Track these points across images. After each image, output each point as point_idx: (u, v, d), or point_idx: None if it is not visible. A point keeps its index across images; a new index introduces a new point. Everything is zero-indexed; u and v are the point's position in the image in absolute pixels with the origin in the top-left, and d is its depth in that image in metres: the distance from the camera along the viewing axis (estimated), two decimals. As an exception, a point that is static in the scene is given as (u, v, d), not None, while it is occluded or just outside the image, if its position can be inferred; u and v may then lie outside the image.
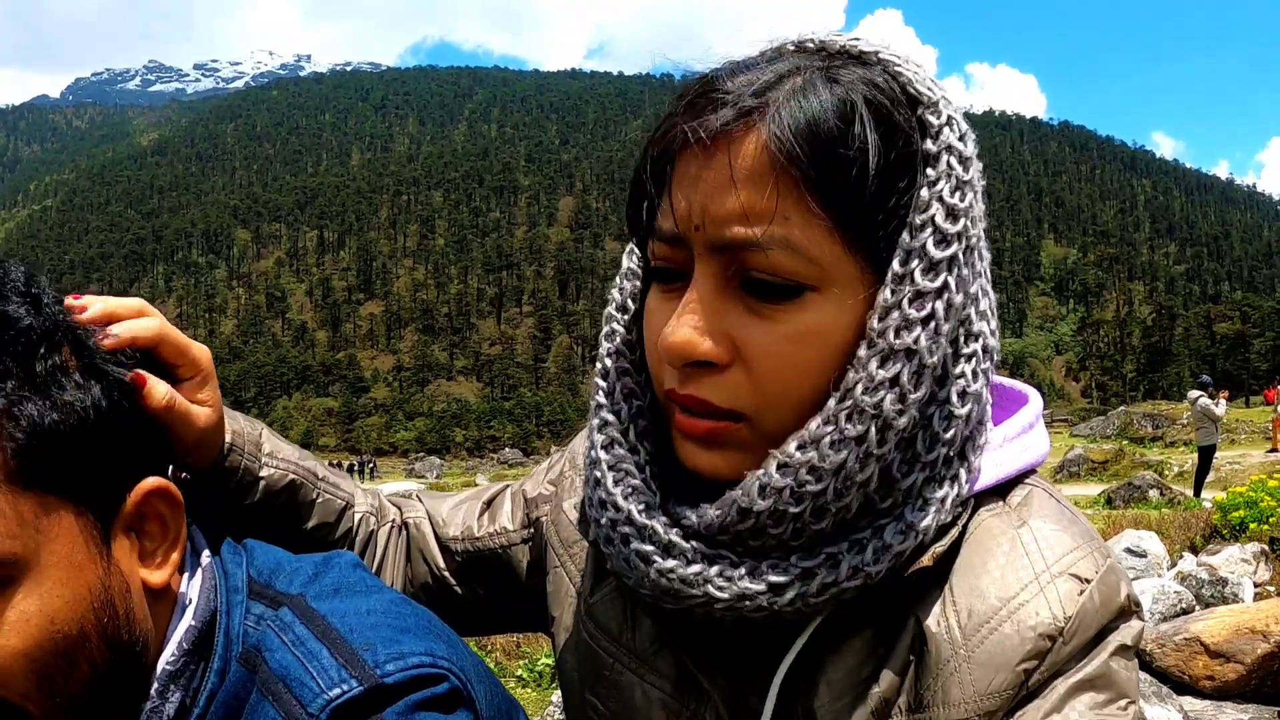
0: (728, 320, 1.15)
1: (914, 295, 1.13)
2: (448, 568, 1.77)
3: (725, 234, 1.12)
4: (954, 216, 1.15)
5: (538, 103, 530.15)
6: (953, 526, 1.22)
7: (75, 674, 1.17)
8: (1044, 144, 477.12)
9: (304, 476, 1.69)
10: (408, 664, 1.20)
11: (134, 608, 1.24)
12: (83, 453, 1.18)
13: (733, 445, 1.19)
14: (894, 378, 1.12)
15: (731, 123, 1.13)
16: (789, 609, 1.17)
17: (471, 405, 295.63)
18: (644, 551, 1.22)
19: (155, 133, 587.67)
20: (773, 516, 1.14)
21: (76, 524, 1.17)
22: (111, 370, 1.25)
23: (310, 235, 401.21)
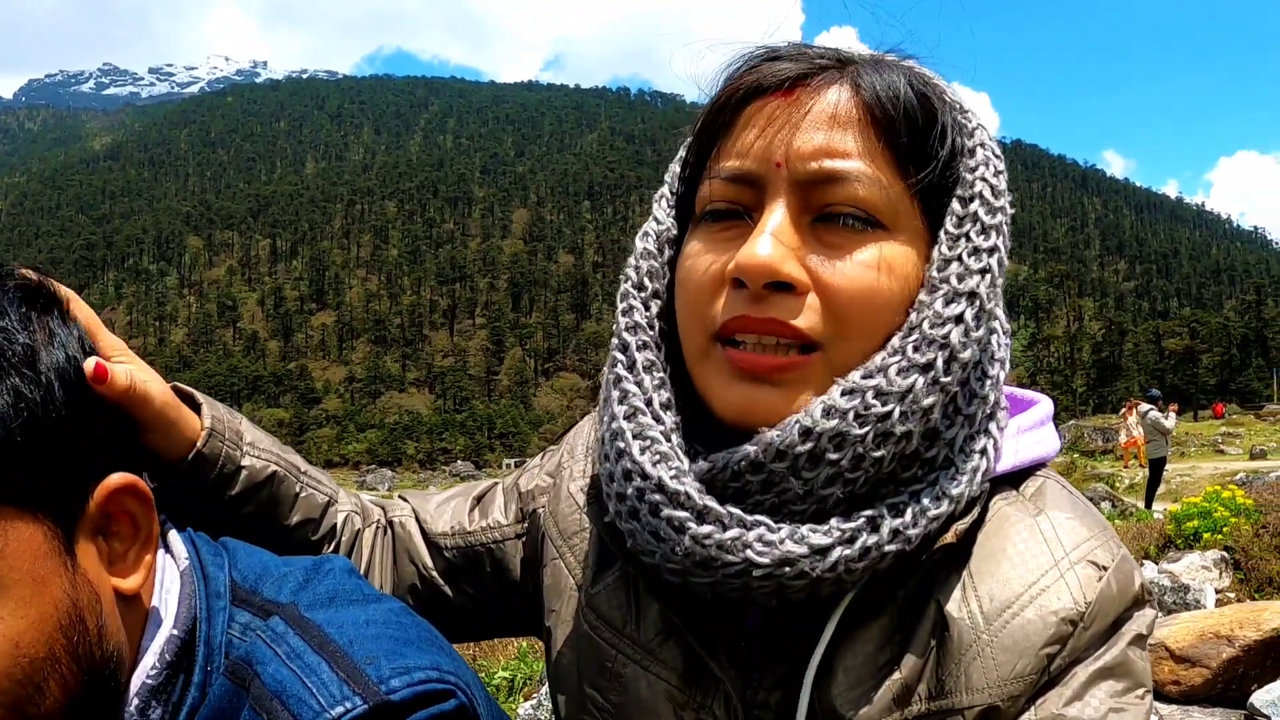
0: (804, 251, 1.20)
1: (972, 250, 1.23)
2: (436, 567, 1.73)
3: (812, 166, 1.19)
4: (996, 195, 1.28)
5: (494, 114, 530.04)
6: (975, 504, 1.25)
7: (48, 700, 1.10)
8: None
9: (286, 468, 1.64)
10: (414, 679, 1.14)
11: (106, 621, 1.16)
12: (36, 456, 1.10)
13: (798, 383, 1.20)
14: (959, 315, 1.20)
15: (810, 75, 1.24)
16: (830, 575, 1.16)
17: (423, 417, 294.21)
18: (677, 519, 1.18)
19: (108, 136, 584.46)
20: (834, 439, 1.15)
21: (36, 534, 1.10)
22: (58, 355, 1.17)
23: (263, 244, 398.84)
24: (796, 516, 1.20)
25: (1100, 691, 1.19)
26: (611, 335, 1.40)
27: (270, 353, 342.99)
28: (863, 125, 1.21)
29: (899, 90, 1.22)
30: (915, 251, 1.24)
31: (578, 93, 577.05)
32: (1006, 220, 1.28)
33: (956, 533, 1.22)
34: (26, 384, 1.10)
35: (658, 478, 1.21)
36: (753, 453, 1.18)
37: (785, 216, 1.20)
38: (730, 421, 1.23)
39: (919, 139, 1.23)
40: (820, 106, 1.21)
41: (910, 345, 1.19)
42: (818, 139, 1.19)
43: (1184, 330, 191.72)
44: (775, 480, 1.18)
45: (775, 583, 1.17)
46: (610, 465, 1.30)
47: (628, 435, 1.26)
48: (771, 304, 1.18)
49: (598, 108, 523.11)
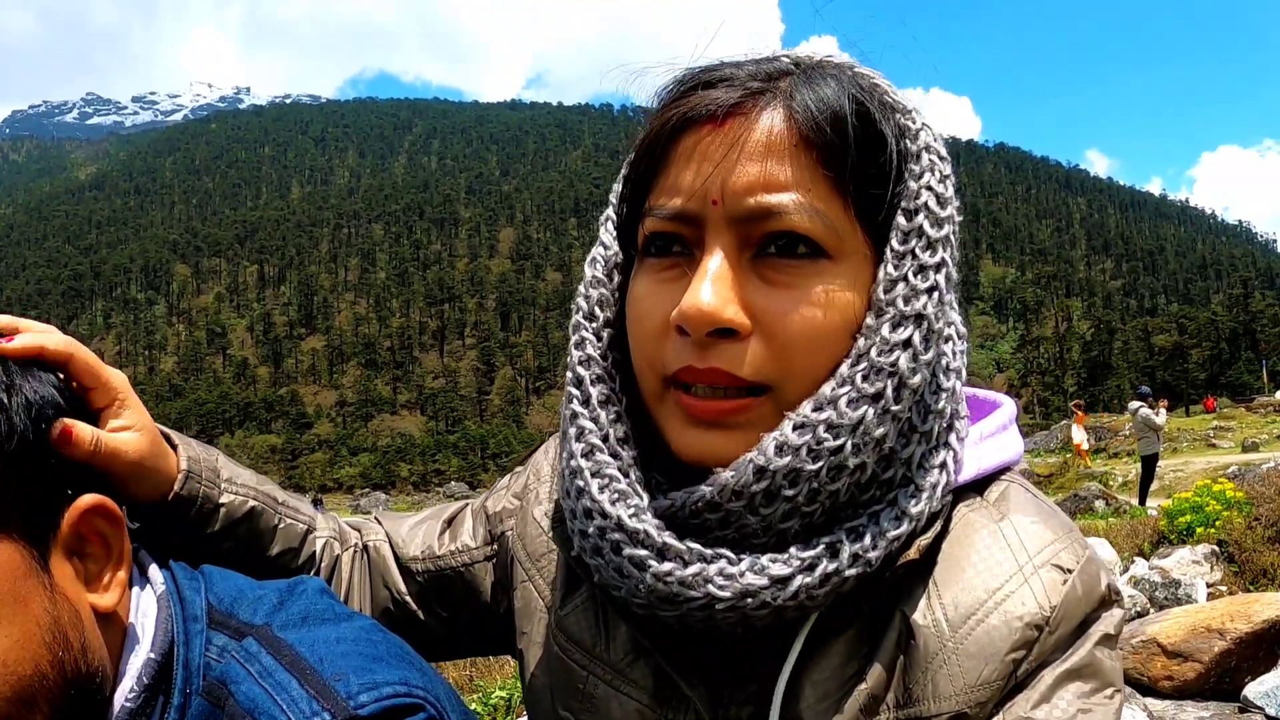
0: (745, 291, 1.17)
1: (918, 269, 1.20)
2: (409, 591, 1.74)
3: (749, 203, 1.16)
4: (942, 203, 1.24)
5: (477, 134, 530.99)
6: (937, 519, 1.24)
7: (36, 718, 1.12)
8: (980, 166, 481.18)
9: (265, 502, 1.66)
10: (382, 694, 1.15)
11: (88, 637, 1.18)
12: (6, 478, 1.13)
13: (748, 425, 1.19)
14: (907, 340, 1.17)
15: (743, 101, 1.19)
16: (792, 603, 1.16)
17: (416, 439, 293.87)
18: (638, 557, 1.19)
19: (93, 166, 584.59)
20: (789, 476, 1.14)
21: (14, 554, 1.12)
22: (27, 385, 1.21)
23: (250, 270, 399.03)
24: (757, 547, 1.20)
25: (1068, 693, 1.19)
26: (565, 369, 1.37)
27: (260, 379, 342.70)
28: (798, 151, 1.17)
29: (834, 106, 1.18)
30: (860, 273, 1.21)
31: (561, 110, 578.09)
32: (954, 229, 1.26)
33: (919, 548, 1.21)
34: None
35: (617, 516, 1.21)
36: (709, 493, 1.18)
37: (723, 258, 1.17)
38: (689, 464, 1.23)
39: (858, 155, 1.19)
40: (754, 137, 1.17)
41: (859, 374, 1.17)
42: (752, 172, 1.16)
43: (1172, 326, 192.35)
44: (733, 518, 1.18)
45: (739, 614, 1.17)
46: (571, 502, 1.30)
47: (586, 474, 1.26)
48: (716, 352, 1.17)
49: (581, 124, 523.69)
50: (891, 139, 1.22)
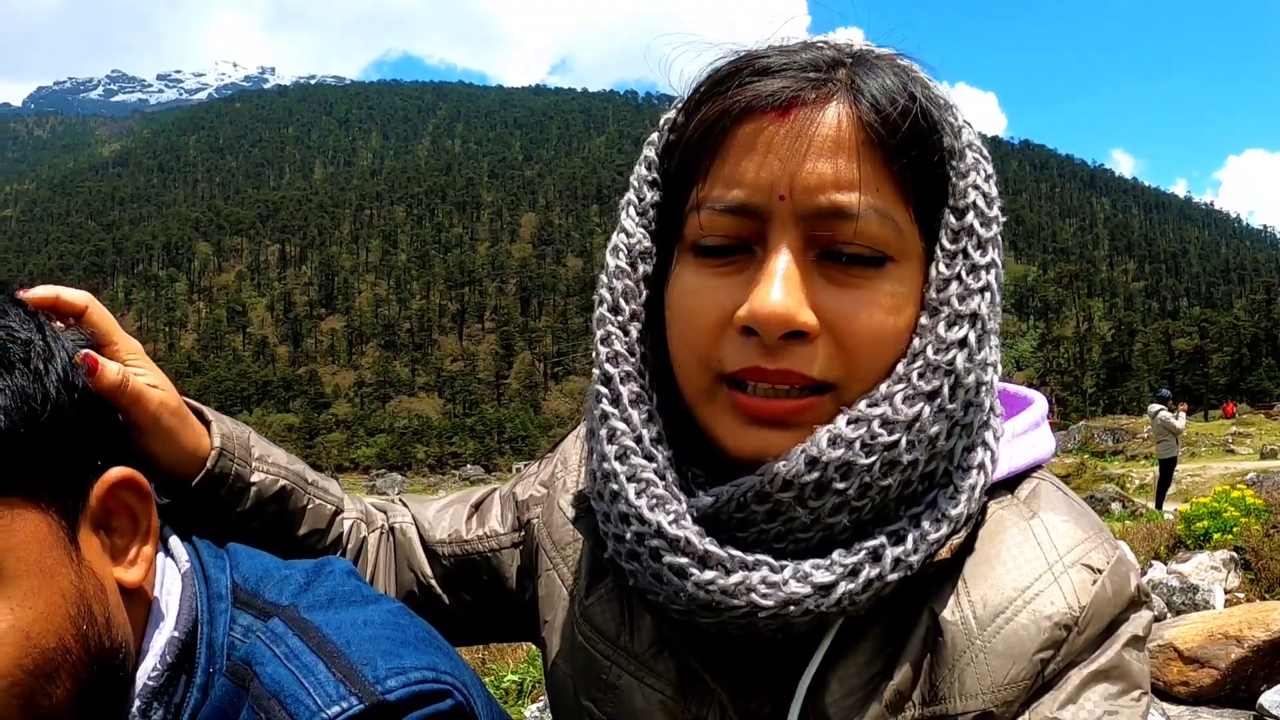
0: (812, 291, 1.15)
1: (970, 268, 1.20)
2: (434, 574, 1.73)
3: (820, 200, 1.13)
4: (989, 202, 1.23)
5: (501, 119, 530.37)
6: (971, 518, 1.23)
7: (58, 691, 1.11)
8: (1004, 163, 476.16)
9: (295, 481, 1.66)
10: (410, 679, 1.15)
11: (113, 612, 1.18)
12: (37, 449, 1.12)
13: (810, 424, 1.17)
14: (962, 339, 1.18)
15: (806, 92, 1.16)
16: (835, 609, 1.16)
17: (433, 422, 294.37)
18: (678, 565, 1.17)
19: (117, 143, 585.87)
20: (841, 469, 1.13)
21: (41, 524, 1.11)
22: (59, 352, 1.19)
23: (272, 249, 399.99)
24: (801, 544, 1.19)
25: (1095, 694, 1.18)
26: (591, 365, 1.34)
27: (280, 358, 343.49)
28: (867, 149, 1.15)
29: (897, 99, 1.17)
30: (916, 272, 1.21)
31: (585, 96, 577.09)
32: (1001, 229, 1.25)
33: (951, 548, 1.21)
34: (29, 381, 1.12)
35: (656, 523, 1.19)
36: (758, 483, 1.16)
37: (790, 256, 1.15)
38: (744, 462, 1.20)
39: (918, 152, 1.18)
40: (822, 130, 1.14)
41: (915, 372, 1.17)
42: (824, 169, 1.13)
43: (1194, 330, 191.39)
44: (781, 509, 1.16)
45: (781, 621, 1.16)
46: (605, 506, 1.27)
47: (621, 478, 1.24)
48: (785, 354, 1.15)
49: (605, 111, 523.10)
50: (944, 135, 1.21)
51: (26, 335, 1.16)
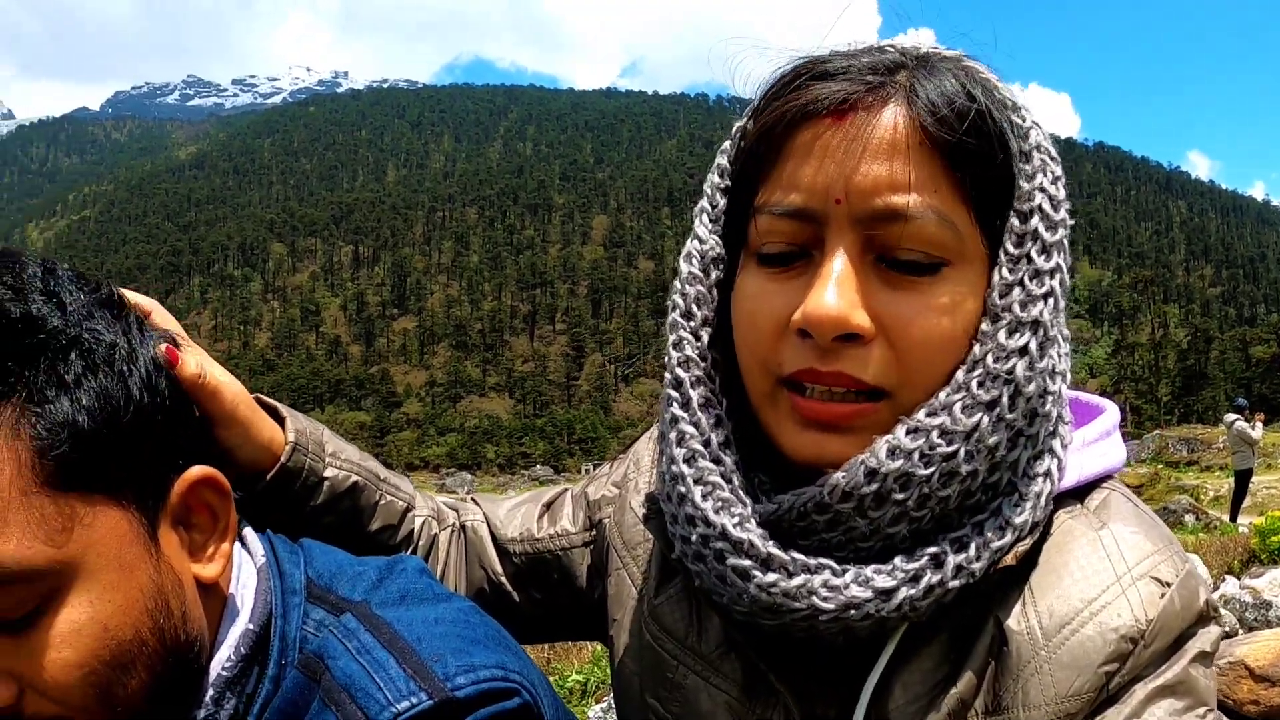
0: (869, 294, 1.16)
1: (1033, 274, 1.18)
2: (505, 572, 1.75)
3: (875, 203, 1.14)
4: (1055, 206, 1.22)
5: (572, 121, 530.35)
6: (1038, 526, 1.23)
7: (133, 682, 1.14)
8: (1078, 165, 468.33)
9: (367, 478, 1.68)
10: (479, 677, 1.17)
11: (189, 606, 1.21)
12: (120, 447, 1.15)
13: (864, 429, 1.18)
14: (1023, 346, 1.17)
15: (863, 96, 1.16)
16: (895, 615, 1.16)
17: (503, 422, 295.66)
18: (741, 567, 1.18)
19: (193, 146, 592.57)
20: (900, 480, 1.14)
21: (122, 521, 1.14)
22: (141, 353, 1.21)
23: (345, 250, 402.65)
24: (863, 552, 1.19)
25: (1160, 710, 1.16)
26: (663, 369, 1.36)
27: (352, 357, 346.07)
28: (924, 151, 1.15)
29: (956, 102, 1.16)
30: (977, 276, 1.20)
31: (656, 99, 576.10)
32: (1067, 233, 1.24)
33: (1017, 555, 1.20)
34: (112, 383, 1.15)
35: (721, 525, 1.20)
36: (819, 494, 1.17)
37: (847, 260, 1.16)
38: (801, 465, 1.22)
39: (978, 154, 1.17)
40: (878, 134, 1.15)
41: (975, 381, 1.16)
42: (879, 172, 1.14)
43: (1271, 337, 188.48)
44: (841, 519, 1.18)
45: (841, 624, 1.17)
46: (672, 508, 1.29)
47: (688, 480, 1.25)
48: (839, 356, 1.16)
49: (676, 114, 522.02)
50: (1007, 137, 1.19)
51: (111, 338, 1.18)
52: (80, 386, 1.12)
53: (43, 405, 1.09)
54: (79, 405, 1.11)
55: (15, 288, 1.14)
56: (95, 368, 1.14)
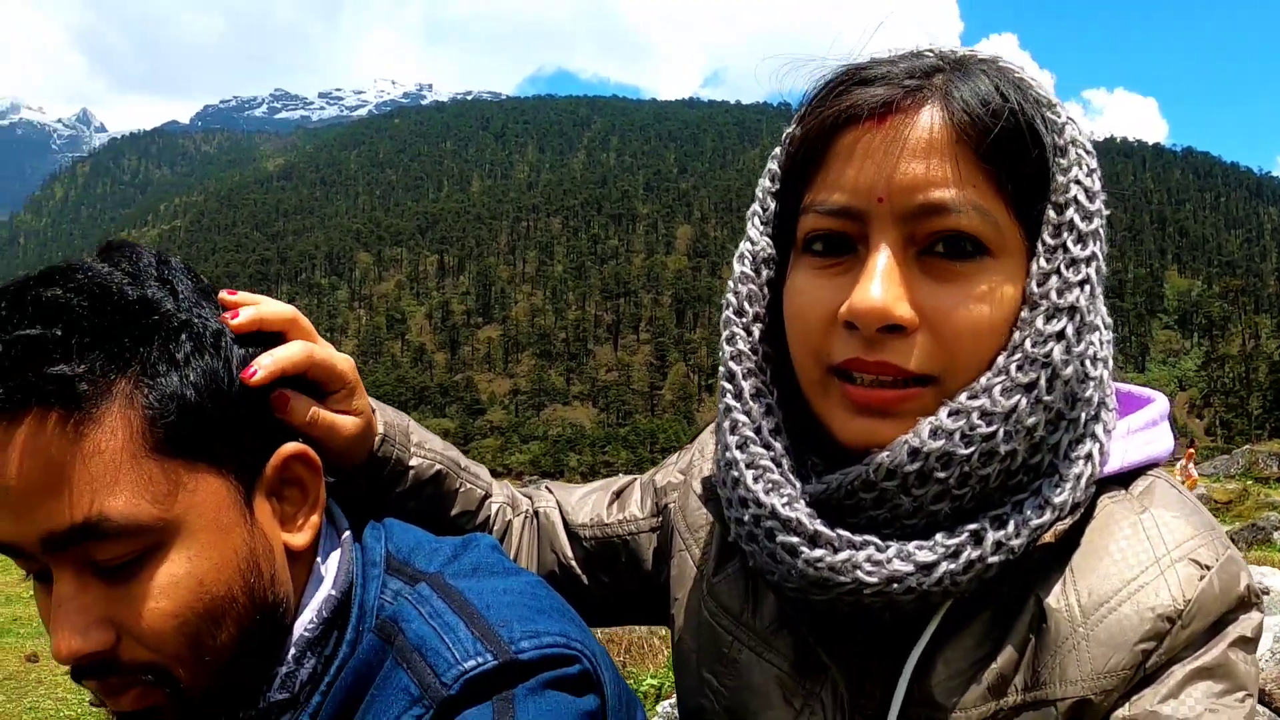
0: (912, 286, 1.22)
1: (1069, 263, 1.24)
2: (575, 556, 1.84)
3: (916, 199, 1.20)
4: (1091, 197, 1.27)
5: (655, 131, 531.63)
6: (1079, 507, 1.27)
7: (223, 635, 1.23)
8: (1166, 171, 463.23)
9: (449, 466, 1.78)
10: (542, 643, 1.24)
11: (278, 570, 1.31)
12: (223, 421, 1.25)
13: (910, 414, 1.24)
14: (1060, 332, 1.22)
15: (901, 99, 1.24)
16: (937, 589, 1.22)
17: (586, 431, 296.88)
18: (790, 544, 1.26)
19: (281, 158, 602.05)
20: (941, 459, 1.20)
21: (222, 488, 1.24)
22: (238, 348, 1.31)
23: (430, 259, 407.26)
24: (908, 530, 1.26)
25: (1197, 691, 1.18)
26: (718, 363, 1.45)
27: (437, 364, 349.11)
28: (960, 149, 1.21)
29: (990, 102, 1.22)
30: (1016, 266, 1.25)
31: (739, 109, 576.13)
32: (1102, 223, 1.28)
33: (1056, 533, 1.24)
34: (218, 363, 1.25)
35: (770, 505, 1.28)
36: (865, 472, 1.24)
37: (890, 254, 1.22)
38: (854, 450, 1.28)
39: (1013, 150, 1.23)
40: (916, 134, 1.21)
41: (1014, 365, 1.21)
42: (917, 169, 1.20)
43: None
44: (886, 497, 1.24)
45: (885, 598, 1.23)
46: (727, 492, 1.38)
47: (740, 465, 1.33)
48: (884, 347, 1.22)
49: (759, 123, 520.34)
50: (1043, 134, 1.25)
51: (217, 325, 1.29)
52: (189, 365, 1.22)
53: (155, 379, 1.19)
54: (187, 381, 1.21)
55: (133, 274, 1.25)
56: (202, 349, 1.24)
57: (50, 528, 1.15)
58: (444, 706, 1.20)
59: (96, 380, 1.16)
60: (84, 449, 1.15)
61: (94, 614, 1.19)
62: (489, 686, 1.21)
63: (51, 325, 1.15)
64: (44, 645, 11.83)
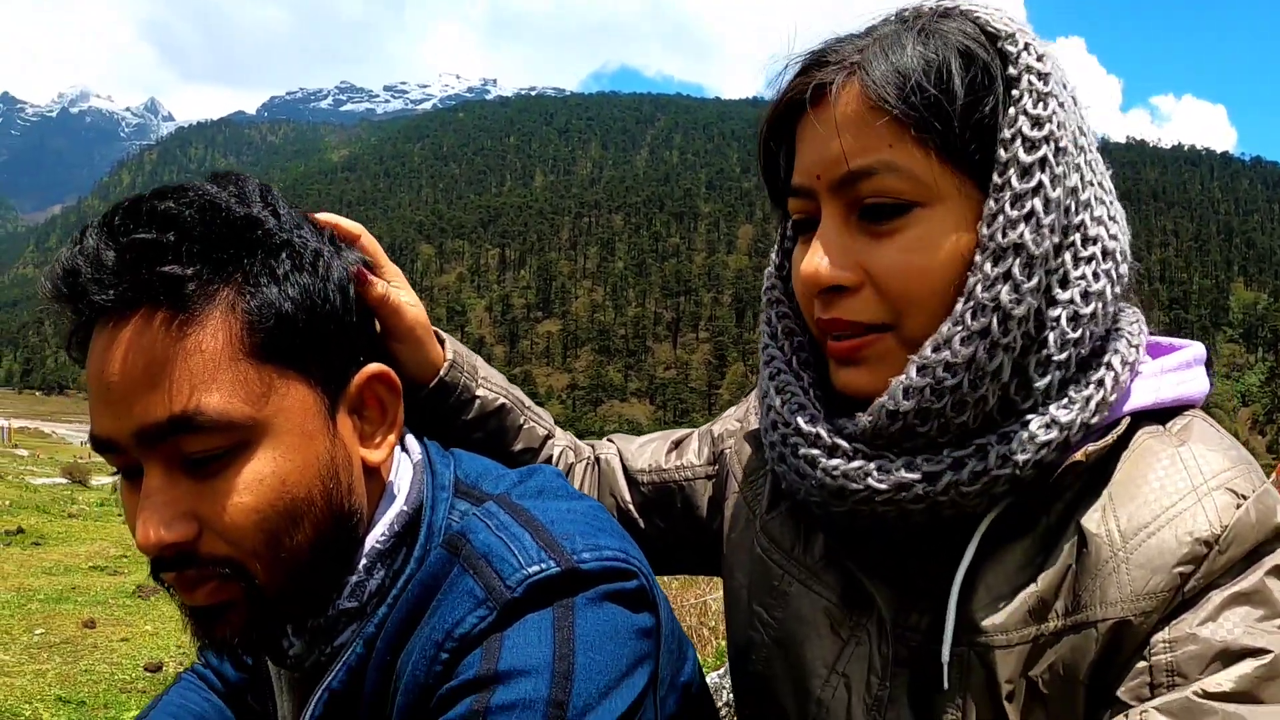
0: (854, 249, 1.31)
1: (1013, 199, 1.26)
2: (632, 500, 1.90)
3: (841, 170, 1.28)
4: (1038, 124, 1.27)
5: (719, 130, 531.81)
6: (1107, 433, 1.31)
7: (299, 535, 1.29)
8: (1234, 181, 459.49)
9: (514, 402, 1.86)
10: (603, 555, 1.29)
11: (355, 481, 1.37)
12: (315, 335, 1.31)
13: (875, 359, 1.32)
14: (1006, 272, 1.25)
15: (834, 80, 1.31)
16: (944, 498, 1.27)
17: (644, 428, 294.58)
18: (811, 455, 1.35)
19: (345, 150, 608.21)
20: (919, 415, 1.27)
21: (309, 397, 1.31)
22: (337, 264, 1.38)
23: (492, 253, 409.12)
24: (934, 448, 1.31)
25: (1235, 615, 1.20)
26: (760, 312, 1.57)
27: (496, 357, 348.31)
28: (874, 115, 1.27)
29: (906, 72, 1.27)
30: (965, 214, 1.29)
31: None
32: (1053, 147, 1.28)
33: (1087, 453, 1.28)
34: (314, 281, 1.32)
35: (795, 423, 1.38)
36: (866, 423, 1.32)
37: (834, 221, 1.32)
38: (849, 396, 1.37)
39: (936, 108, 1.26)
40: (841, 111, 1.29)
41: (968, 312, 1.25)
42: (842, 144, 1.28)
43: None
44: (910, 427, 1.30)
45: (897, 507, 1.29)
46: (765, 420, 1.47)
47: (772, 391, 1.45)
48: (834, 305, 1.32)
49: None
50: (980, 78, 1.28)
51: (316, 245, 1.36)
52: (288, 280, 1.29)
53: (256, 289, 1.26)
54: (285, 295, 1.28)
55: (239, 195, 1.33)
56: (301, 267, 1.31)
57: (147, 420, 1.21)
58: (507, 608, 1.24)
59: (203, 284, 1.23)
60: (186, 347, 1.21)
61: (179, 507, 1.24)
62: (551, 592, 1.25)
63: (165, 231, 1.22)
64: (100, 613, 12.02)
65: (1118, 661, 1.25)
